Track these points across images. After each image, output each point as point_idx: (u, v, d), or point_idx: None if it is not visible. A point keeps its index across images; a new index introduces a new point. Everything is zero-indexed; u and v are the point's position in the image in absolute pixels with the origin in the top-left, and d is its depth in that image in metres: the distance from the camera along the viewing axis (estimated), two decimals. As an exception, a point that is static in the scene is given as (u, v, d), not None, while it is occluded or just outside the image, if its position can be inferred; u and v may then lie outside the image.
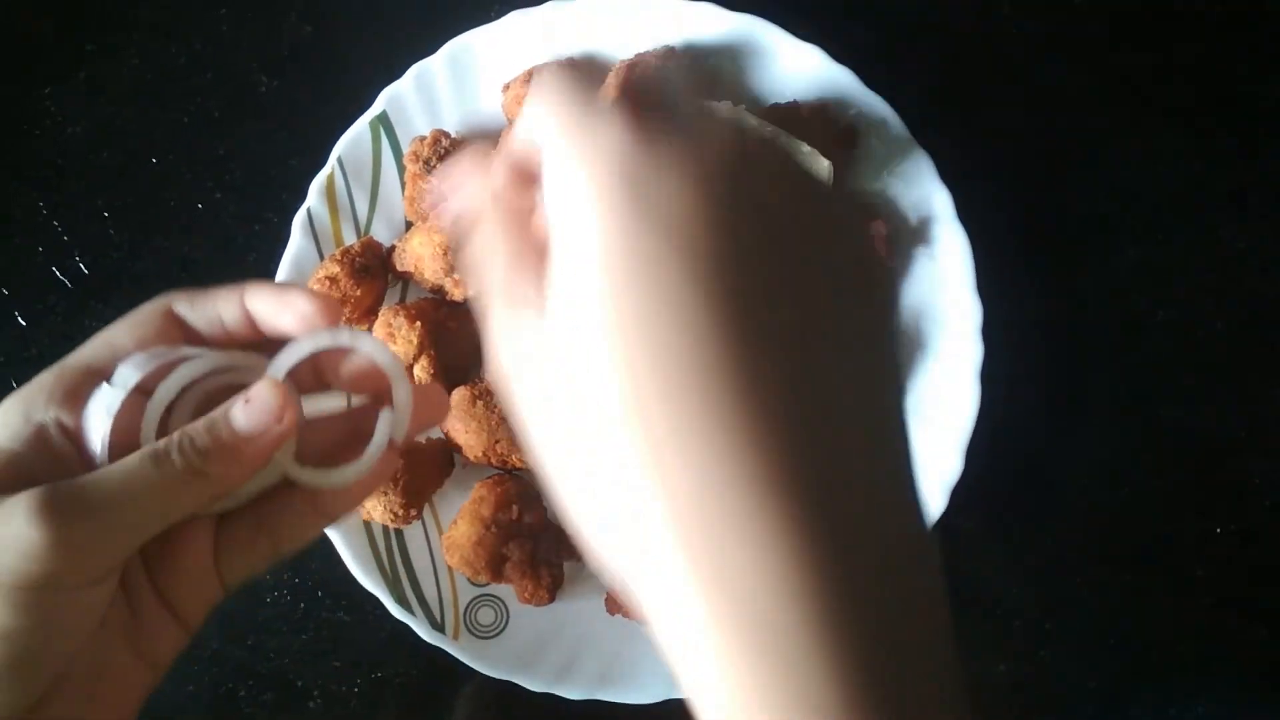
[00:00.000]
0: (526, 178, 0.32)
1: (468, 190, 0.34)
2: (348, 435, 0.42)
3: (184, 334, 0.41)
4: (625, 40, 0.74)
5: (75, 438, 0.37)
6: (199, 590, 0.39)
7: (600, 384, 0.26)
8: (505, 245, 0.31)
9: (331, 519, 0.41)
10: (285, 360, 0.40)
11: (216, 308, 0.40)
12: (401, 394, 0.42)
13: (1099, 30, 0.81)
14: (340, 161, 0.73)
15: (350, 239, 0.74)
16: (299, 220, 0.73)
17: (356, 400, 0.41)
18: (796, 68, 0.73)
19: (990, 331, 0.70)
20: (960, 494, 0.70)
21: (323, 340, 0.40)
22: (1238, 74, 0.81)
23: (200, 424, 0.37)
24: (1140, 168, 0.80)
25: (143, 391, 0.39)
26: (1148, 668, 0.77)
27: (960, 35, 0.81)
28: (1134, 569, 0.77)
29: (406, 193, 0.73)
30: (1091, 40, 0.81)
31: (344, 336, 0.41)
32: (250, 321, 0.41)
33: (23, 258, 0.80)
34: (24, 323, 0.80)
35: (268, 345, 0.41)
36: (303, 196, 0.73)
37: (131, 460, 0.36)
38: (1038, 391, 0.77)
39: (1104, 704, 0.77)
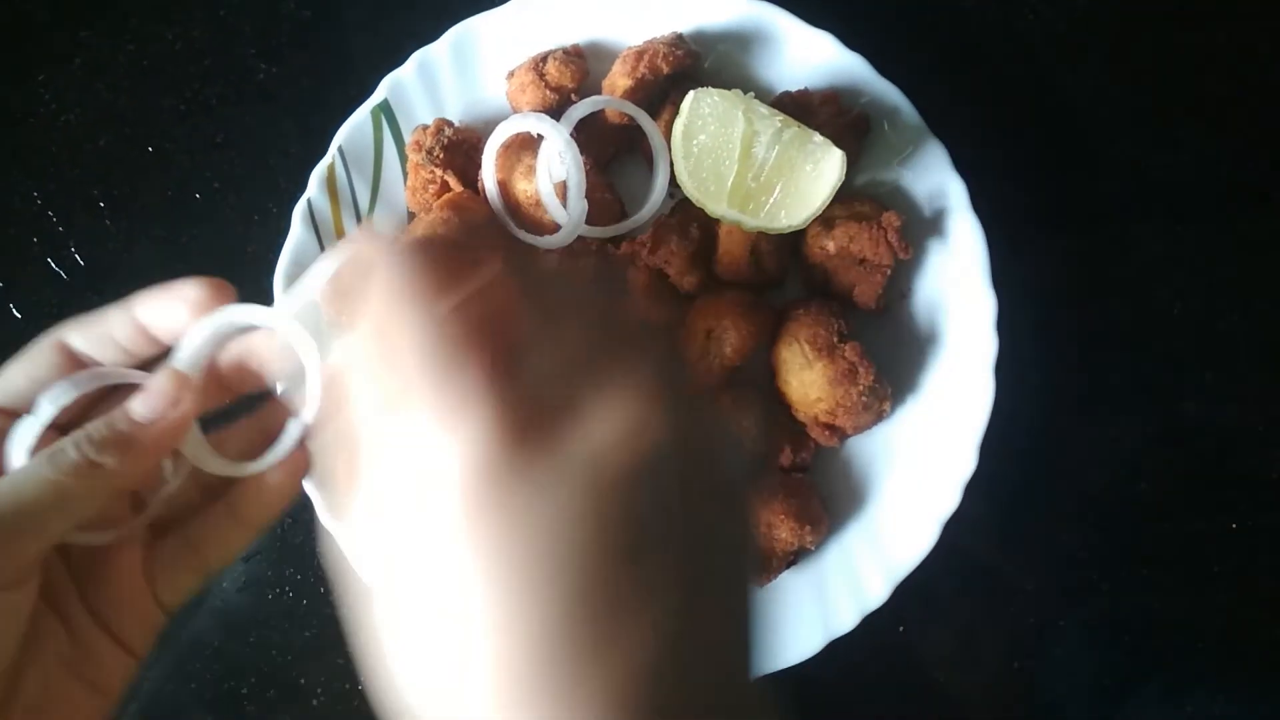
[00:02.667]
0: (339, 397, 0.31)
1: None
2: (262, 437, 0.42)
3: (80, 365, 0.40)
4: (633, 25, 0.72)
5: None
6: (137, 613, 0.40)
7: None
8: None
9: (254, 528, 0.42)
10: (187, 347, 0.39)
11: (107, 329, 0.40)
12: (312, 370, 0.40)
13: (1118, 18, 0.79)
14: (341, 151, 0.72)
15: (351, 230, 0.73)
16: (299, 211, 0.72)
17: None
18: (807, 55, 0.72)
19: (1005, 324, 0.69)
20: (975, 489, 0.68)
21: (223, 321, 0.39)
22: (1260, 64, 0.79)
23: (100, 419, 0.37)
24: (1160, 159, 0.78)
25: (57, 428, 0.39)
26: (1165, 663, 0.76)
27: (976, 22, 0.79)
28: (1151, 564, 0.76)
29: (409, 182, 0.72)
30: (1110, 28, 0.79)
31: (239, 314, 0.39)
32: (145, 335, 0.40)
33: (18, 249, 0.79)
34: (19, 315, 0.79)
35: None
36: (303, 186, 0.72)
37: (31, 464, 0.36)
38: (1054, 385, 0.76)
39: (1120, 699, 0.76)
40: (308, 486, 0.67)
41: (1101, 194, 0.78)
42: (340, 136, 0.72)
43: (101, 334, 0.40)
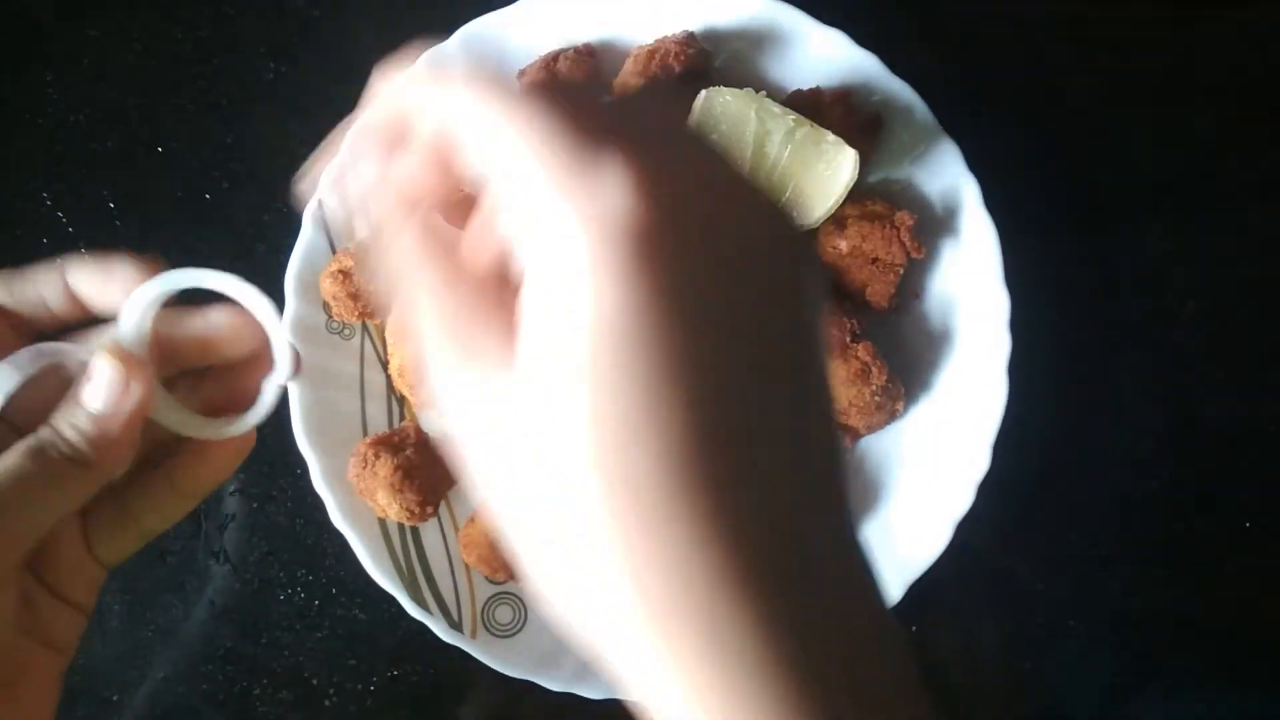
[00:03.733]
0: (445, 172, 0.29)
1: (369, 187, 0.31)
2: (223, 401, 0.41)
3: (3, 321, 0.39)
4: (644, 24, 0.72)
5: None
6: (81, 575, 0.39)
7: (571, 464, 0.25)
8: (442, 284, 0.28)
9: (193, 498, 0.41)
10: (128, 318, 0.37)
11: (37, 289, 0.39)
12: (275, 330, 0.39)
13: (1130, 14, 0.79)
14: (352, 151, 0.72)
15: (362, 231, 0.72)
16: (310, 212, 0.71)
17: None
18: (819, 52, 0.71)
19: (1017, 323, 0.69)
20: (986, 488, 0.68)
21: (166, 285, 0.38)
22: (1270, 59, 0.79)
23: (65, 413, 0.36)
24: (1170, 157, 0.78)
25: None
26: (1175, 663, 0.76)
27: (988, 19, 0.79)
28: (1162, 564, 0.76)
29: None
30: (1123, 24, 0.79)
31: (183, 278, 0.38)
32: (74, 300, 0.39)
33: (26, 250, 0.79)
34: (29, 316, 0.79)
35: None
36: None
37: (8, 459, 0.35)
38: (1064, 384, 0.75)
39: (1129, 699, 0.76)
40: (304, 450, 0.67)
41: (1112, 191, 0.78)
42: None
43: (30, 292, 0.38)
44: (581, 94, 0.31)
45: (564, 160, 0.25)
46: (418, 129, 0.30)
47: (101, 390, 0.36)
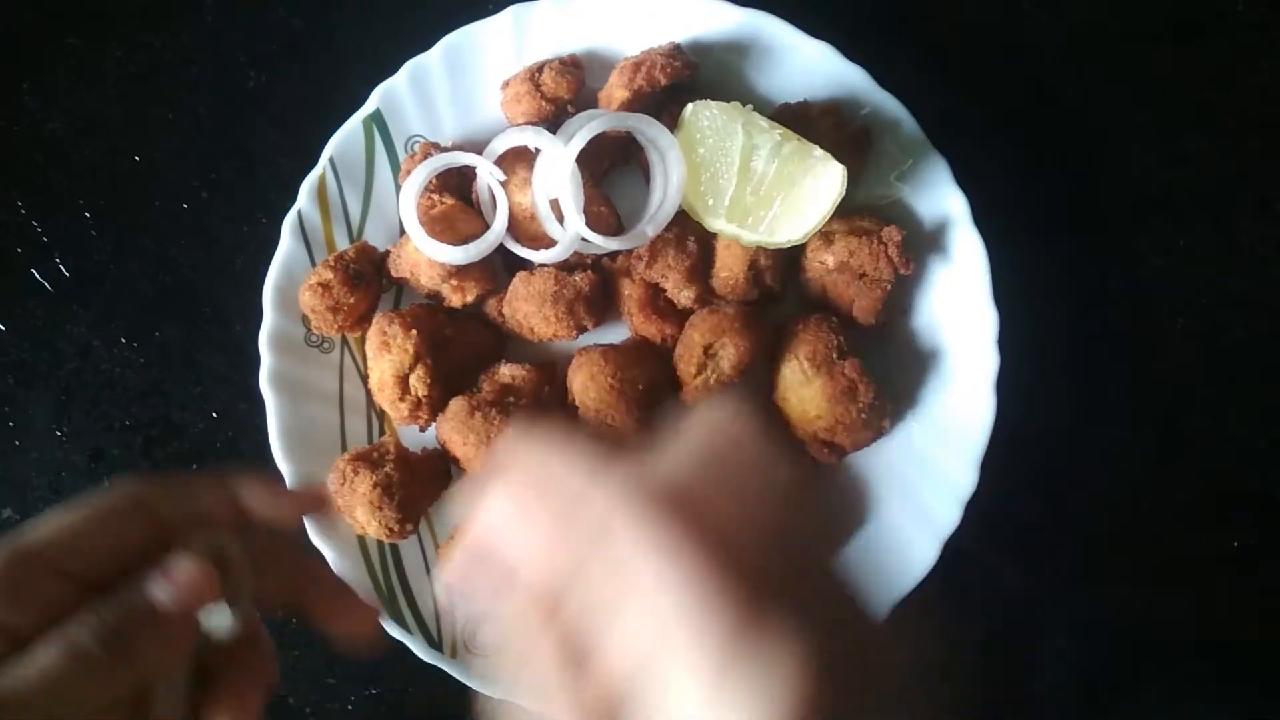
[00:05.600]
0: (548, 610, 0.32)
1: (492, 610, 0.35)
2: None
3: (154, 527, 0.38)
4: (630, 35, 0.71)
5: (14, 636, 0.35)
6: None
7: None
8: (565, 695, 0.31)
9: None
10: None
11: (200, 501, 0.39)
12: None
13: (1119, 29, 0.78)
14: (332, 161, 0.71)
15: (342, 242, 0.71)
16: (289, 222, 0.70)
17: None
18: (807, 65, 0.71)
19: (1006, 341, 0.68)
20: (974, 508, 0.68)
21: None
22: (1261, 75, 0.78)
23: (116, 603, 0.35)
24: (1161, 171, 0.77)
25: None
26: (1164, 676, 0.75)
27: (980, 33, 0.78)
28: (1151, 581, 0.75)
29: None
30: (1112, 39, 0.78)
31: None
32: (235, 509, 0.40)
33: (2, 259, 0.77)
34: (3, 327, 0.77)
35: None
36: (293, 196, 0.70)
37: (47, 654, 0.34)
38: (1054, 402, 0.75)
39: (1117, 712, 0.75)
40: (281, 465, 0.67)
41: (1103, 206, 0.77)
42: (331, 146, 0.71)
43: (188, 505, 0.39)
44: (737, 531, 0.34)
45: (718, 652, 0.29)
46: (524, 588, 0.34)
47: (176, 586, 0.36)
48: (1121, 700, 0.75)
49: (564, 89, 0.69)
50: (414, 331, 0.67)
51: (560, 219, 0.68)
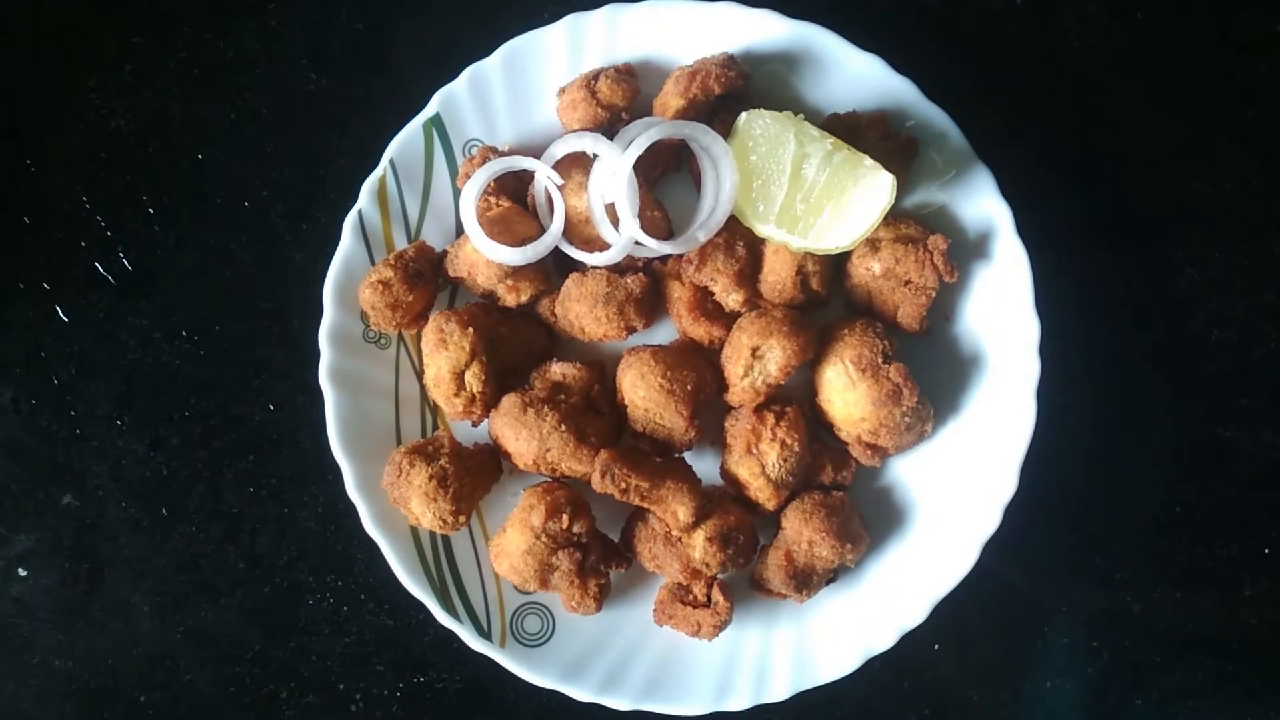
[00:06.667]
0: None
1: None
2: None
3: None
4: (685, 45, 0.73)
5: None
6: None
7: None
8: None
9: None
10: None
11: None
12: None
13: (1165, 49, 0.80)
14: (393, 163, 0.73)
15: (401, 242, 0.73)
16: (350, 221, 0.72)
17: None
18: (856, 77, 0.72)
19: (1046, 348, 0.69)
20: (1014, 512, 0.69)
21: None
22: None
23: None
24: (1200, 186, 0.79)
25: None
26: (1197, 682, 0.77)
27: (1027, 50, 0.79)
28: (1184, 586, 0.77)
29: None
30: (1157, 60, 0.80)
31: None
32: None
33: (65, 252, 0.80)
34: (66, 319, 0.79)
35: None
36: (352, 196, 0.72)
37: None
38: (1092, 409, 0.76)
39: (1155, 717, 0.77)
40: (339, 457, 0.68)
41: (1142, 219, 0.79)
42: (392, 149, 0.73)
43: None
44: None
45: None
46: None
47: None
48: (1165, 706, 0.76)
49: (619, 96, 0.71)
50: (470, 329, 0.69)
51: (615, 223, 0.70)
